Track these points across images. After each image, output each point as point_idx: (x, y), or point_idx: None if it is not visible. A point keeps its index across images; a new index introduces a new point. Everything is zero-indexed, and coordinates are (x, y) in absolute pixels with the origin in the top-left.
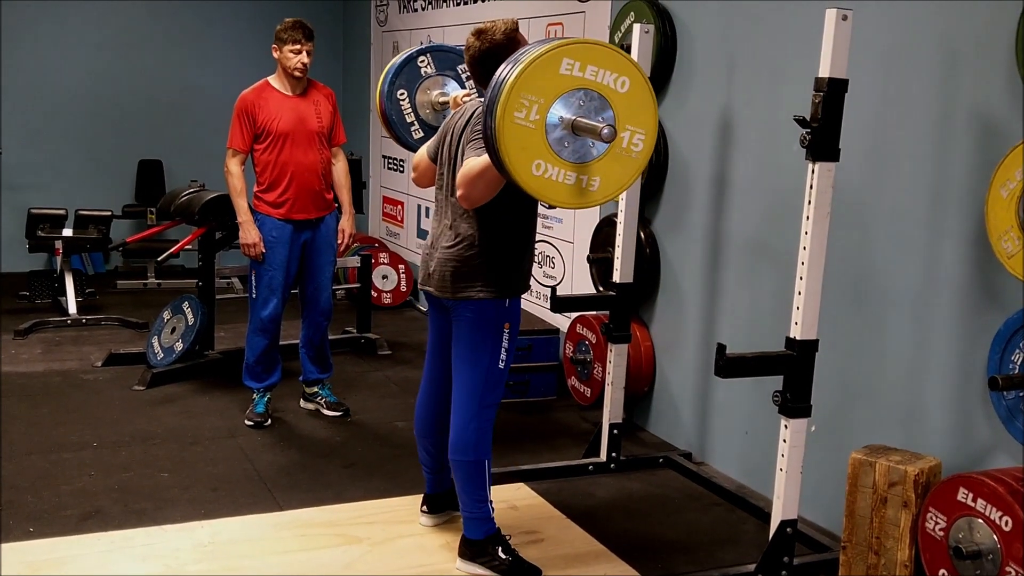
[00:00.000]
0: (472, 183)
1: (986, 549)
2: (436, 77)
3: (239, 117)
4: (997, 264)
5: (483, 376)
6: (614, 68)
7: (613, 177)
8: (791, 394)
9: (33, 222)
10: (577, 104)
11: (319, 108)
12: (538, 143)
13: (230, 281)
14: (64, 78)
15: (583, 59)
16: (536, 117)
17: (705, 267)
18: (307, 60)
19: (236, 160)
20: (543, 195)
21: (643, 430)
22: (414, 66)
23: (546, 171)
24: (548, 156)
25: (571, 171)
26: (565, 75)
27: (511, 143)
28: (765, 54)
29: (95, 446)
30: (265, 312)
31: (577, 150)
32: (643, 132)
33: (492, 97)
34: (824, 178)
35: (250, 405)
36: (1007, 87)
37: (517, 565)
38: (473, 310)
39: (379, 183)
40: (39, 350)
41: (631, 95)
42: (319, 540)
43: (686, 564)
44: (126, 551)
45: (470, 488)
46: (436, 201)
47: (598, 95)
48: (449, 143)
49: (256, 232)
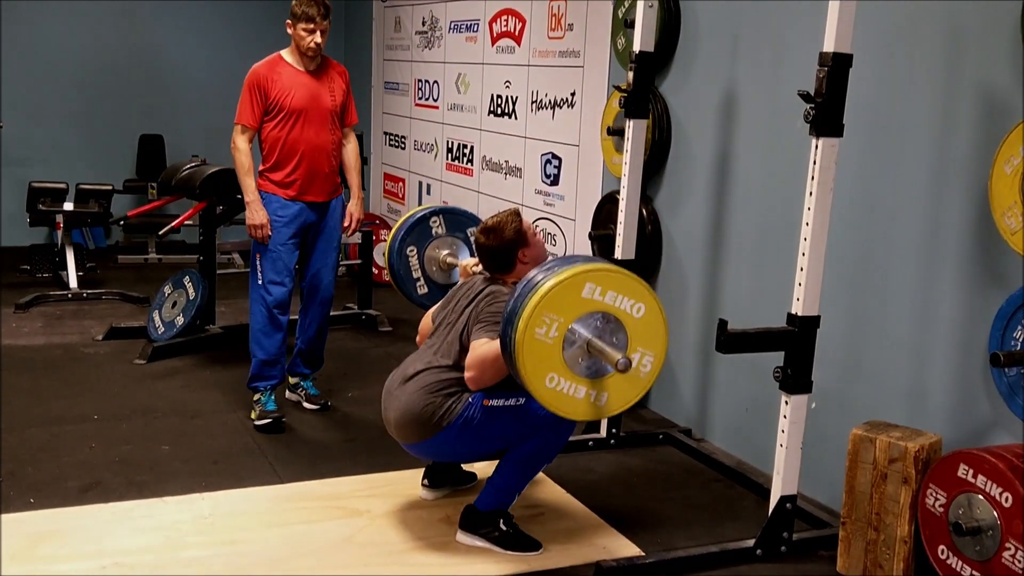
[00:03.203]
0: (485, 370)
1: (986, 525)
2: (446, 238)
3: (250, 91)
4: (1000, 241)
5: (527, 431)
6: (632, 295)
7: (621, 393)
8: (792, 370)
9: (34, 196)
10: (595, 325)
11: (333, 86)
12: (555, 358)
13: (231, 256)
14: (65, 52)
15: (604, 285)
16: (555, 334)
17: (707, 244)
18: (320, 40)
19: (245, 137)
20: (554, 405)
21: (643, 407)
22: (426, 226)
23: (559, 384)
24: (562, 371)
25: (582, 385)
26: (587, 298)
27: (529, 356)
28: (769, 29)
29: (96, 419)
30: (271, 298)
31: (591, 366)
32: (652, 355)
33: (514, 309)
34: (827, 154)
35: (256, 407)
36: (1012, 63)
37: (517, 538)
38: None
39: (380, 160)
40: (40, 324)
41: (645, 320)
42: (320, 513)
43: (685, 539)
44: (126, 522)
45: (520, 477)
46: (419, 351)
47: (615, 318)
48: (454, 306)
49: (264, 212)
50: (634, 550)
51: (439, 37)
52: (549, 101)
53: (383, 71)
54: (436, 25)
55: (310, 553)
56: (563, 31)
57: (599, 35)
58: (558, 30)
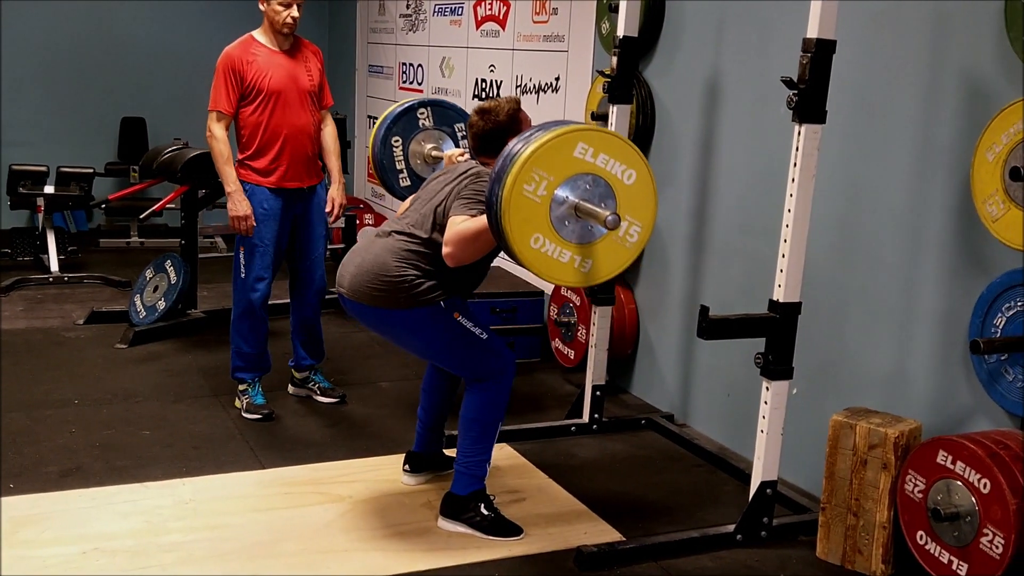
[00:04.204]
0: (464, 245)
1: (964, 511)
2: (432, 131)
3: (224, 75)
4: (981, 228)
5: (471, 363)
6: (624, 160)
7: (606, 262)
8: (773, 356)
9: (14, 179)
10: (583, 188)
11: (309, 65)
12: (541, 218)
13: (213, 240)
14: (46, 34)
15: (597, 146)
16: (543, 193)
17: (690, 230)
18: (297, 15)
19: (221, 124)
20: (536, 267)
21: (626, 392)
22: (413, 116)
23: (544, 245)
24: (548, 232)
25: (567, 250)
26: (578, 158)
27: (516, 214)
28: (754, 14)
29: (76, 403)
30: (256, 295)
31: (576, 231)
32: (640, 225)
33: (503, 168)
34: (810, 140)
35: (243, 398)
36: (995, 50)
37: (498, 523)
38: (407, 319)
39: (364, 143)
40: (21, 307)
41: (635, 188)
42: (301, 498)
43: (667, 524)
44: (107, 507)
45: (476, 446)
46: (386, 222)
47: (605, 183)
48: (434, 184)
49: (247, 203)
50: (615, 535)
51: (423, 20)
52: (534, 86)
53: (367, 54)
54: (420, 8)
55: (292, 538)
56: (547, 15)
57: (584, 20)
58: (542, 14)
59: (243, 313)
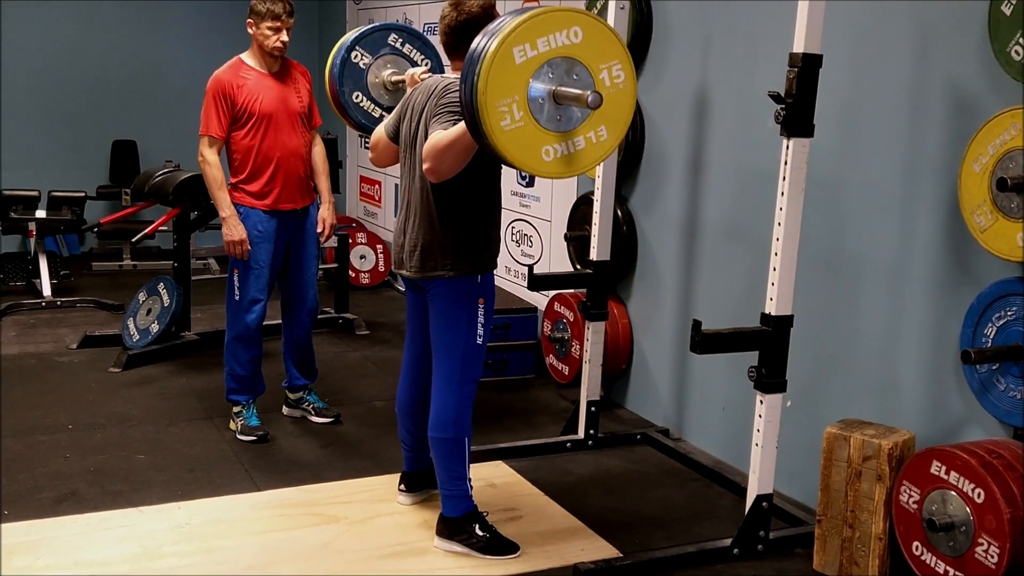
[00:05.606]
0: (440, 156)
1: (959, 521)
2: (377, 60)
3: (215, 100)
4: (970, 238)
5: (461, 354)
6: (560, 26)
7: (612, 117)
8: (766, 369)
9: (5, 203)
10: (547, 77)
11: (298, 86)
12: (520, 87)
13: (206, 262)
14: (37, 58)
15: (529, 39)
16: (520, 115)
17: (682, 244)
18: (287, 39)
19: (214, 149)
20: (514, 154)
21: (621, 407)
22: (352, 63)
23: (522, 131)
24: (527, 116)
25: (547, 139)
26: (522, 63)
27: (493, 90)
28: (741, 29)
29: (70, 428)
30: (251, 317)
31: (572, 115)
32: (617, 61)
33: (474, 58)
34: (798, 154)
35: (237, 420)
36: (980, 62)
37: (495, 542)
38: (445, 288)
39: (356, 162)
40: (13, 333)
41: (588, 39)
42: (297, 520)
43: (663, 539)
44: (102, 533)
45: (450, 466)
46: (401, 184)
47: (560, 59)
48: (409, 120)
49: (242, 228)
50: (612, 551)
51: None
52: None
53: None
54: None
55: (288, 560)
56: None
57: None
58: None
59: (238, 335)
